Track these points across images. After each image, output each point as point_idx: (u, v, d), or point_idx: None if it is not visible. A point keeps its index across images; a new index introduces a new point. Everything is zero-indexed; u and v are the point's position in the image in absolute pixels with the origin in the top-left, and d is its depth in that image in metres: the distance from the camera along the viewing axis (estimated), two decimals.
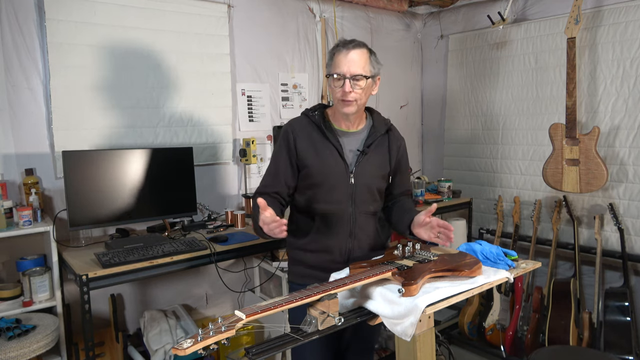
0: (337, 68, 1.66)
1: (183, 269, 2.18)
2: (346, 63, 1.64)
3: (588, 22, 2.91)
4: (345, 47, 1.66)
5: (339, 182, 1.73)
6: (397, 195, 1.92)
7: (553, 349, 2.08)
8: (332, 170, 1.73)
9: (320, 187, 1.74)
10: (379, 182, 1.82)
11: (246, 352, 1.14)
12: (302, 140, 1.75)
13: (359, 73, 1.65)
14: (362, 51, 1.67)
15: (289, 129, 1.79)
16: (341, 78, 1.65)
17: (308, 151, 1.74)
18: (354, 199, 1.75)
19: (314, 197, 1.75)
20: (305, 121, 1.79)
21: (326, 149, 1.73)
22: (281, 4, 3.14)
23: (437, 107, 4.00)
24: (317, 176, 1.73)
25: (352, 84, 1.65)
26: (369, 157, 1.77)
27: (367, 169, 1.77)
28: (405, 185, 1.95)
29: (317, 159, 1.72)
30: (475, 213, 3.63)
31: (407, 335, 1.29)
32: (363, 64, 1.66)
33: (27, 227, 2.10)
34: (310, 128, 1.77)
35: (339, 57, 1.66)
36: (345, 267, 1.64)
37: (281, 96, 3.19)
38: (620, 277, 2.84)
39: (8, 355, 1.80)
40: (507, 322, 3.12)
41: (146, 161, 2.38)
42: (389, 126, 1.86)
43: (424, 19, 4.01)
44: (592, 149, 2.72)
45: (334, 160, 1.73)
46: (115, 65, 2.50)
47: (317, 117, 1.77)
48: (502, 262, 1.61)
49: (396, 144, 1.86)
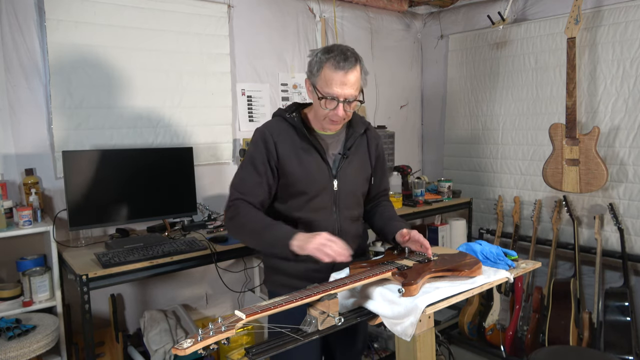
0: (328, 87, 1.53)
1: (183, 269, 2.18)
2: (342, 86, 1.52)
3: (588, 22, 2.91)
4: (340, 67, 1.51)
5: (322, 189, 1.65)
6: (375, 195, 1.86)
7: (553, 349, 2.07)
8: (315, 178, 1.64)
9: (303, 196, 1.64)
10: (363, 186, 1.77)
11: (246, 352, 1.14)
12: (283, 146, 1.63)
13: (353, 96, 1.55)
14: (357, 69, 1.55)
15: (266, 131, 1.65)
16: (334, 100, 1.54)
17: (290, 158, 1.62)
18: (338, 205, 1.68)
19: (296, 205, 1.66)
20: (284, 125, 1.66)
21: (309, 155, 1.64)
22: (281, 4, 3.14)
23: (437, 107, 3.99)
24: (300, 184, 1.63)
25: (346, 107, 1.56)
26: (351, 161, 1.71)
27: (350, 173, 1.70)
28: (383, 185, 1.88)
29: (300, 167, 1.62)
30: (475, 213, 3.62)
31: (407, 335, 1.29)
32: (357, 85, 1.56)
33: (27, 227, 2.10)
34: (290, 132, 1.65)
35: (332, 76, 1.52)
36: (329, 276, 1.57)
37: (281, 96, 3.19)
38: (620, 277, 2.84)
39: (8, 355, 1.80)
40: (507, 322, 3.12)
41: (146, 161, 2.38)
42: (366, 125, 1.78)
43: (424, 19, 4.01)
44: (592, 149, 2.72)
45: (317, 166, 1.64)
46: (114, 65, 2.50)
47: (296, 121, 1.65)
48: (502, 262, 1.61)
49: (374, 143, 1.80)
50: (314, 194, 1.65)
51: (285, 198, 1.67)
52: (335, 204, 1.68)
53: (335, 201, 1.68)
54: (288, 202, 1.67)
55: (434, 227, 3.44)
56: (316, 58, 1.57)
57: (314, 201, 1.65)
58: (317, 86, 1.57)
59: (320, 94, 1.56)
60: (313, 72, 1.58)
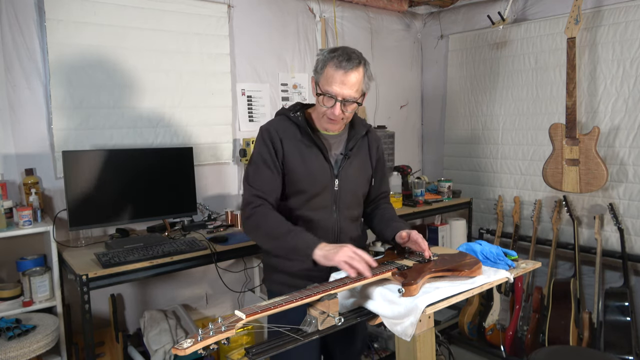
0: (328, 85, 1.55)
1: (183, 268, 2.18)
2: (341, 85, 1.54)
3: (588, 22, 2.91)
4: (342, 66, 1.53)
5: (324, 189, 1.67)
6: (375, 198, 1.87)
7: (553, 349, 2.07)
8: (317, 177, 1.65)
9: (305, 194, 1.66)
10: (363, 186, 1.78)
11: (246, 352, 1.14)
12: (288, 144, 1.65)
13: (352, 97, 1.57)
14: (359, 72, 1.56)
15: (271, 128, 1.67)
16: (332, 98, 1.56)
17: (294, 155, 1.64)
18: (338, 204, 1.70)
19: (297, 203, 1.67)
20: (288, 123, 1.68)
21: (311, 154, 1.65)
22: (281, 4, 3.14)
23: (437, 107, 3.99)
24: (302, 182, 1.64)
25: (343, 107, 1.58)
26: (352, 161, 1.72)
27: (351, 173, 1.72)
28: (383, 187, 1.90)
29: (303, 165, 1.64)
30: (475, 213, 3.62)
31: (407, 335, 1.29)
32: (357, 87, 1.57)
33: (27, 227, 2.10)
34: (294, 131, 1.67)
35: (333, 75, 1.54)
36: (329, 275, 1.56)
37: (281, 96, 3.19)
38: (620, 277, 2.84)
39: (8, 355, 1.80)
40: (507, 322, 3.12)
41: (146, 161, 2.38)
42: (367, 128, 1.80)
43: (424, 19, 4.01)
44: (592, 149, 2.72)
45: (319, 165, 1.66)
46: (114, 66, 2.50)
47: (300, 120, 1.67)
48: (502, 262, 1.61)
49: (375, 145, 1.82)
50: (315, 193, 1.66)
51: (286, 196, 1.68)
52: (335, 203, 1.70)
53: (335, 201, 1.70)
54: (289, 200, 1.68)
55: (434, 227, 3.44)
56: (322, 56, 1.60)
57: (314, 200, 1.67)
58: (319, 83, 1.60)
59: (320, 90, 1.59)
60: (317, 70, 1.61)
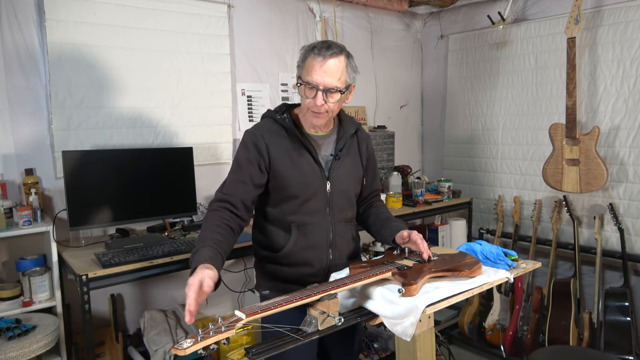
0: (309, 75, 1.52)
1: (183, 268, 2.18)
2: (321, 73, 1.50)
3: (588, 22, 2.91)
4: (321, 54, 1.50)
5: (316, 192, 1.63)
6: (367, 197, 1.85)
7: (553, 349, 2.08)
8: (309, 180, 1.62)
9: (297, 199, 1.62)
10: (355, 187, 1.75)
11: (246, 352, 1.14)
12: (275, 148, 1.60)
13: (333, 86, 1.52)
14: (340, 59, 1.52)
15: (257, 133, 1.62)
16: (313, 88, 1.52)
17: (283, 160, 1.60)
18: (331, 207, 1.67)
19: (291, 209, 1.63)
20: (275, 126, 1.64)
21: (301, 157, 1.61)
22: (281, 4, 3.14)
23: (437, 107, 3.99)
24: (294, 187, 1.61)
25: (325, 97, 1.53)
26: (343, 162, 1.69)
27: (342, 174, 1.68)
28: (374, 185, 1.87)
29: (293, 169, 1.60)
30: (475, 213, 3.62)
31: (407, 335, 1.29)
32: (339, 75, 1.53)
33: (27, 227, 2.09)
34: (282, 133, 1.62)
35: (312, 63, 1.51)
36: (325, 279, 1.55)
37: (281, 96, 3.19)
38: (620, 277, 2.84)
39: (8, 355, 1.80)
40: (507, 322, 3.12)
41: (146, 161, 2.38)
42: (357, 126, 1.76)
43: (424, 19, 4.01)
44: (592, 149, 2.72)
45: (310, 168, 1.62)
46: (114, 65, 2.50)
47: (287, 121, 1.63)
48: (502, 262, 1.61)
49: (364, 144, 1.78)
50: (308, 197, 1.63)
51: (277, 202, 1.64)
52: (329, 206, 1.67)
53: (328, 203, 1.67)
54: (281, 205, 1.64)
55: (434, 227, 3.44)
56: (303, 50, 1.59)
57: (307, 204, 1.63)
58: (301, 76, 1.58)
59: (302, 81, 1.56)
60: (299, 64, 1.59)
